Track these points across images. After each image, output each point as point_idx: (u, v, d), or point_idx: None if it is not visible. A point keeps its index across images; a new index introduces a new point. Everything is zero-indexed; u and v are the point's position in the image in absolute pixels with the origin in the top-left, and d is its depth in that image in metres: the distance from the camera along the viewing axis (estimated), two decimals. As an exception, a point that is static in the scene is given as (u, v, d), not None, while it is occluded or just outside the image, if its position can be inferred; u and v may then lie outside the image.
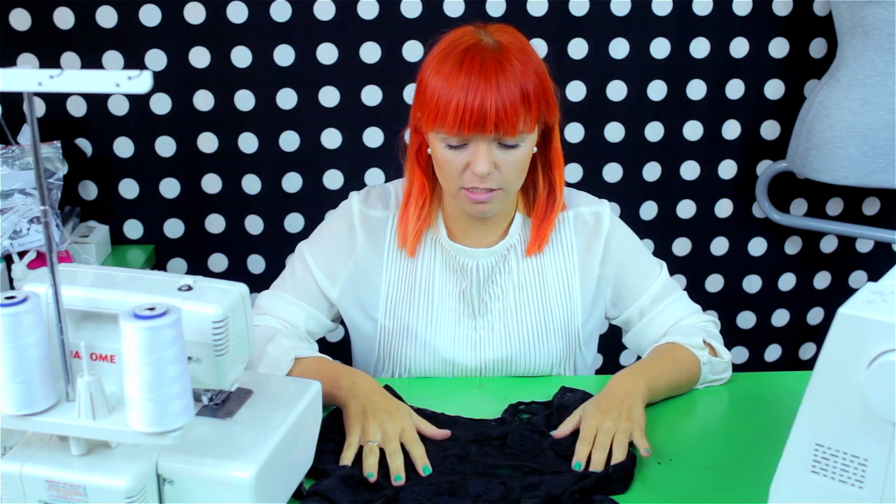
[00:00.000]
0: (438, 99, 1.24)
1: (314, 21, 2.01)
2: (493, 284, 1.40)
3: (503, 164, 1.26)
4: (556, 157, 1.37)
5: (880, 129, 1.95)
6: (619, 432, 1.16)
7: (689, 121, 2.17)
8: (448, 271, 1.40)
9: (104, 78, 0.77)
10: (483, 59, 1.24)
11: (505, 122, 1.22)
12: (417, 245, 1.40)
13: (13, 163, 1.76)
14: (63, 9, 1.97)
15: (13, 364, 0.87)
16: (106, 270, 1.04)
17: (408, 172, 1.39)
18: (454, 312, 1.40)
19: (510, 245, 1.40)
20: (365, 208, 1.42)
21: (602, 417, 1.19)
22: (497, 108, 1.21)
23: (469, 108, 1.21)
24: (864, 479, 0.87)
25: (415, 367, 1.42)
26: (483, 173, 1.25)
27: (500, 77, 1.22)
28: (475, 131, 1.23)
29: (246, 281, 0.99)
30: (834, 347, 0.87)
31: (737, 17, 2.09)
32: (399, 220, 1.40)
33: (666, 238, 2.26)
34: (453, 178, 1.29)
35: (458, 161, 1.26)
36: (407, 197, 1.39)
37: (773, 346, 2.40)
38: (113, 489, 0.90)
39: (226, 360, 0.94)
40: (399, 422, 1.18)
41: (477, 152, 1.25)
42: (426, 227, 1.39)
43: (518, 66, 1.24)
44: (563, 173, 1.39)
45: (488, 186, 1.27)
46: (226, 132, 2.08)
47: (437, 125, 1.25)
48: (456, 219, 1.40)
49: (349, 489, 1.05)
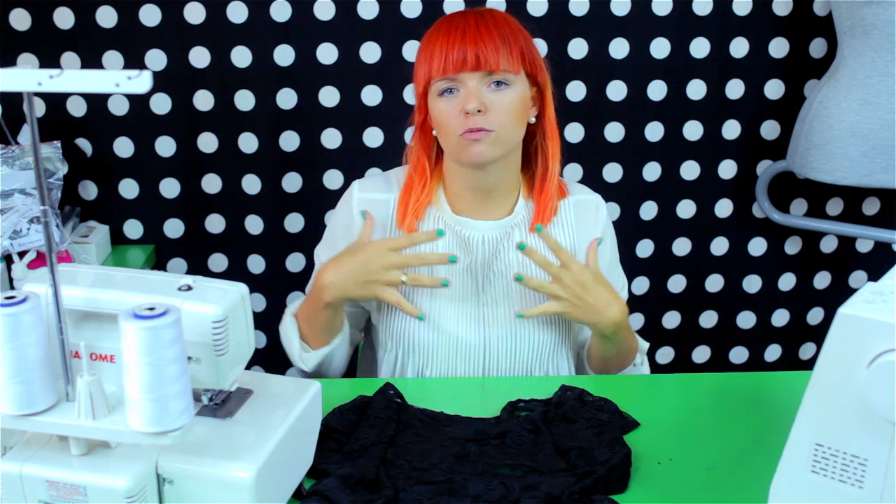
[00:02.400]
0: (425, 55, 1.35)
1: (314, 21, 2.01)
2: (498, 261, 1.43)
3: (494, 106, 1.33)
4: (549, 125, 1.45)
5: (880, 129, 1.95)
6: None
7: (689, 121, 2.17)
8: (452, 247, 1.44)
9: (104, 78, 0.77)
10: (465, 13, 1.36)
11: (486, 56, 1.31)
12: (419, 222, 1.44)
13: (13, 163, 1.76)
14: (63, 9, 1.97)
15: (13, 364, 0.87)
16: (106, 270, 1.04)
17: (411, 155, 1.46)
18: (459, 288, 1.43)
19: (515, 223, 1.45)
20: (365, 194, 1.48)
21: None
22: (477, 43, 1.32)
23: (451, 48, 1.32)
24: (864, 479, 0.87)
25: (419, 344, 1.44)
26: (473, 109, 1.32)
27: (480, 23, 1.34)
28: (460, 68, 1.32)
29: (246, 281, 1.00)
30: (834, 347, 0.87)
31: (737, 17, 2.09)
32: (400, 200, 1.45)
33: (666, 238, 2.26)
34: (451, 127, 1.35)
35: (452, 108, 1.34)
36: (409, 178, 1.45)
37: (773, 346, 2.40)
38: (113, 489, 0.90)
39: (226, 360, 0.94)
40: (375, 256, 1.34)
41: (467, 93, 1.33)
42: (427, 204, 1.44)
43: (500, 20, 1.36)
44: (557, 144, 1.46)
45: (482, 126, 1.33)
46: (226, 132, 2.08)
47: (427, 74, 1.34)
48: (460, 194, 1.44)
49: (349, 489, 1.05)
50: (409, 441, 1.18)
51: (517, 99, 1.35)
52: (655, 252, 2.26)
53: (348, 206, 1.48)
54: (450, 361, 1.45)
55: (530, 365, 1.47)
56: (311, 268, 2.18)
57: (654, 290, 2.30)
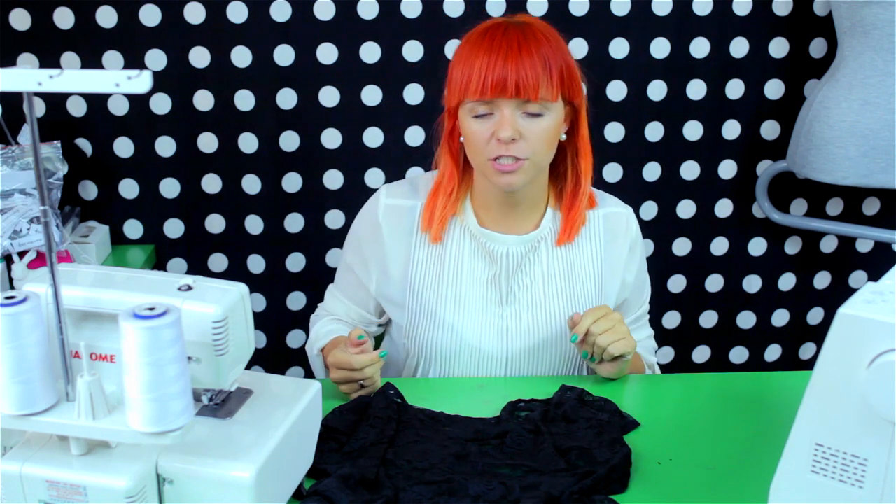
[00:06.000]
0: (463, 69, 1.31)
1: (314, 21, 2.01)
2: (523, 274, 1.42)
3: (528, 134, 1.31)
4: (583, 144, 1.42)
5: (880, 129, 1.95)
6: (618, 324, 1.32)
7: (689, 121, 2.17)
8: (477, 258, 1.42)
9: (104, 78, 0.77)
10: (506, 30, 1.31)
11: (526, 85, 1.28)
12: (444, 232, 1.43)
13: (13, 163, 1.76)
14: (63, 9, 1.97)
15: (13, 364, 0.87)
16: (106, 270, 1.04)
17: (440, 161, 1.44)
18: (482, 300, 1.42)
19: (542, 237, 1.43)
20: (391, 199, 1.46)
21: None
22: (518, 70, 1.28)
23: (491, 71, 1.28)
24: (864, 479, 0.87)
25: (441, 355, 1.43)
26: (507, 138, 1.29)
27: (522, 44, 1.29)
28: (497, 94, 1.28)
29: (246, 281, 1.00)
30: (834, 347, 0.87)
31: (737, 17, 2.09)
32: (425, 206, 1.44)
33: (666, 238, 2.26)
34: (481, 149, 1.33)
35: (485, 131, 1.31)
36: (437, 184, 1.43)
37: (773, 346, 2.40)
38: (113, 489, 0.90)
39: (226, 360, 0.94)
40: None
41: (501, 118, 1.30)
42: (452, 214, 1.43)
43: (541, 39, 1.31)
44: (590, 162, 1.43)
45: (514, 155, 1.31)
46: (226, 132, 2.08)
47: (463, 93, 1.31)
48: (486, 206, 1.43)
49: (349, 489, 1.05)
50: (409, 441, 1.18)
51: (552, 126, 1.33)
52: (655, 252, 2.26)
53: (371, 212, 1.46)
54: (472, 372, 1.44)
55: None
56: (312, 268, 2.20)
57: (655, 290, 2.26)
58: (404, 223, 1.44)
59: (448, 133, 1.40)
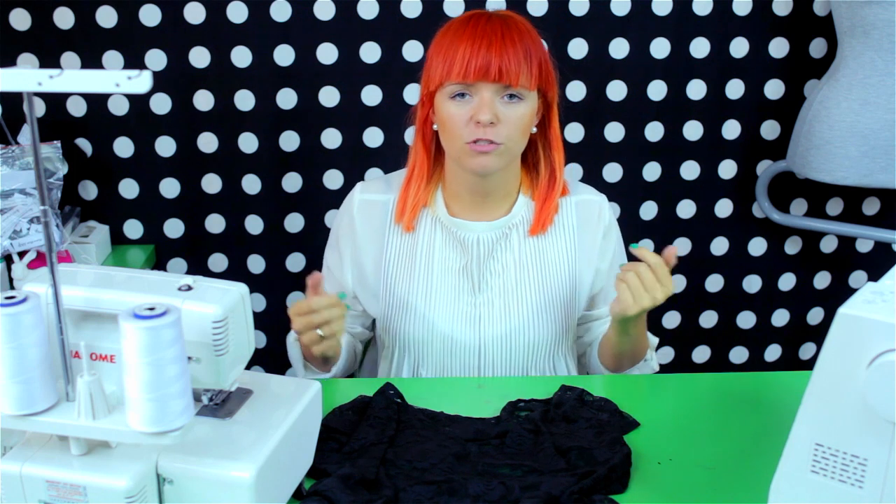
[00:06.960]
0: (446, 54, 1.33)
1: (314, 21, 2.01)
2: (494, 261, 1.43)
3: (505, 119, 1.33)
4: (554, 137, 1.45)
5: (880, 129, 1.95)
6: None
7: (689, 121, 2.17)
8: (448, 248, 1.44)
9: (104, 78, 0.77)
10: (489, 19, 1.35)
11: (508, 70, 1.31)
12: (415, 222, 1.45)
13: (13, 163, 1.76)
14: (63, 9, 1.97)
15: (13, 364, 0.87)
16: (106, 270, 1.04)
17: (412, 151, 1.46)
18: (454, 289, 1.44)
19: (513, 223, 1.45)
20: (365, 195, 1.49)
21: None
22: (501, 55, 1.31)
23: (475, 56, 1.31)
24: (864, 479, 0.87)
25: (414, 343, 1.45)
26: (486, 121, 1.31)
27: (505, 33, 1.33)
28: (480, 77, 1.31)
29: (246, 281, 1.00)
30: (834, 347, 0.87)
31: (737, 17, 2.09)
32: (399, 198, 1.46)
33: (666, 238, 2.26)
34: (458, 132, 1.34)
35: (463, 114, 1.33)
36: (410, 174, 1.46)
37: (773, 346, 2.40)
38: (113, 489, 0.90)
39: (226, 359, 0.94)
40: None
41: (481, 102, 1.32)
42: (424, 205, 1.45)
43: (523, 30, 1.35)
44: (562, 154, 1.46)
45: (490, 138, 1.33)
46: (226, 132, 2.08)
47: (445, 76, 1.33)
48: (458, 196, 1.45)
49: (349, 489, 1.05)
50: (409, 441, 1.18)
51: (527, 114, 1.36)
52: (655, 252, 2.25)
53: (348, 209, 1.50)
54: (444, 360, 1.45)
55: (526, 365, 1.47)
56: (312, 268, 2.18)
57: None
58: (378, 217, 1.47)
59: (422, 121, 1.43)
